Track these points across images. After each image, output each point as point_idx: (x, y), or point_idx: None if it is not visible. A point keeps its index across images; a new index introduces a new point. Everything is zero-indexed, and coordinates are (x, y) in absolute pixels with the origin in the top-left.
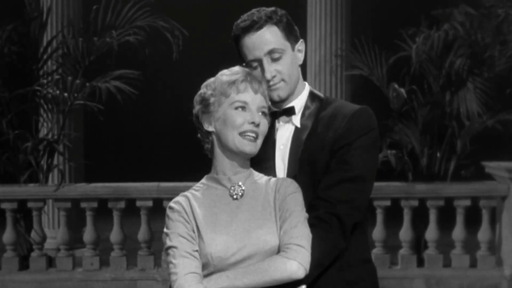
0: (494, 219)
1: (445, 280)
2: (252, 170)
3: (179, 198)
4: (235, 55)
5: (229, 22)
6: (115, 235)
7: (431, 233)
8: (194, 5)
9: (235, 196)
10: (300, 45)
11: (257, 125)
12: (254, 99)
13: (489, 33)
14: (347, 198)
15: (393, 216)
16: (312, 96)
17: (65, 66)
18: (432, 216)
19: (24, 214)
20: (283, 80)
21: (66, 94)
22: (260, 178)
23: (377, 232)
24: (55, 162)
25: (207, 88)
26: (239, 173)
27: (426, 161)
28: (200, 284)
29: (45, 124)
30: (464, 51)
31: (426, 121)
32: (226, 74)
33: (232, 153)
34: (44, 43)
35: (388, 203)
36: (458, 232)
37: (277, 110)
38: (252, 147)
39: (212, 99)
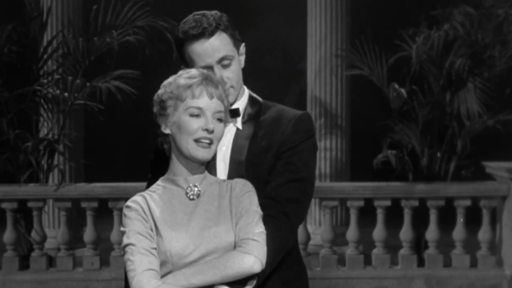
0: (495, 219)
1: (446, 280)
2: (207, 172)
3: (136, 198)
4: None
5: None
6: (115, 235)
7: (432, 233)
8: (194, 5)
9: (191, 197)
10: (242, 48)
11: (211, 132)
12: (209, 104)
13: (489, 33)
14: (296, 197)
15: (394, 216)
16: (252, 99)
17: (65, 66)
18: (433, 216)
19: (24, 214)
20: (232, 86)
21: (66, 94)
22: (215, 179)
23: (378, 232)
24: (55, 162)
25: (165, 89)
26: (194, 174)
27: (427, 161)
28: (158, 281)
29: (45, 124)
30: (464, 51)
31: (427, 121)
32: (183, 77)
33: (185, 156)
34: (44, 43)
35: (388, 203)
36: (459, 232)
37: None
38: (205, 153)
39: (168, 102)
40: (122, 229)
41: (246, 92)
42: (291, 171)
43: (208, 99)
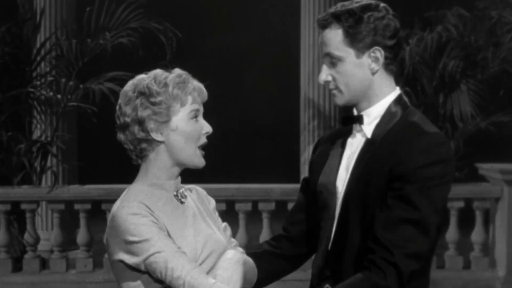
0: (488, 221)
1: (439, 281)
2: None
3: (134, 204)
4: (226, 56)
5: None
6: None
7: None
8: (188, 6)
9: (183, 200)
10: (376, 52)
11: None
12: (201, 107)
13: (482, 35)
14: (406, 243)
15: None
16: (396, 104)
17: (58, 67)
18: None
19: (17, 215)
20: (336, 88)
21: (59, 96)
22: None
23: None
24: (48, 163)
25: (155, 90)
26: (176, 178)
27: None
28: (209, 276)
29: (38, 125)
30: (457, 53)
31: None
32: (176, 82)
33: (179, 164)
34: (38, 44)
35: None
36: (452, 233)
37: (351, 116)
38: (204, 161)
39: (164, 106)
40: (133, 239)
41: (392, 95)
42: (403, 209)
43: (201, 102)
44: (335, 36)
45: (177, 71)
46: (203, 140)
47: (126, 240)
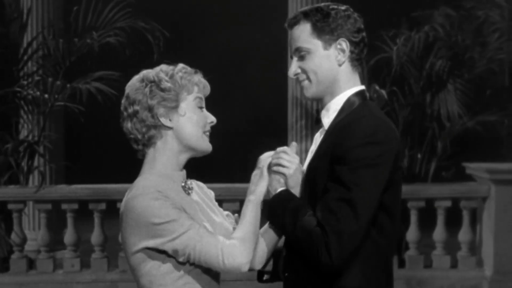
0: (475, 220)
1: (426, 281)
2: None
3: (151, 191)
4: (213, 55)
5: (209, 23)
6: (96, 237)
7: (412, 234)
8: (175, 6)
9: (189, 191)
10: (342, 43)
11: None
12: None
13: (469, 34)
14: (338, 222)
15: None
16: (355, 96)
17: (45, 67)
18: (413, 217)
19: (4, 215)
20: (307, 79)
21: (46, 96)
22: None
23: None
24: (35, 163)
25: (163, 79)
26: (182, 169)
27: (407, 162)
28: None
29: (25, 125)
30: (444, 53)
31: (407, 122)
32: (183, 72)
33: (188, 150)
34: (24, 44)
35: None
36: (439, 233)
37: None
38: (211, 146)
39: (173, 93)
40: (162, 220)
41: (353, 89)
42: (336, 189)
43: (205, 93)
44: (302, 31)
45: (181, 65)
46: (208, 128)
47: (152, 222)
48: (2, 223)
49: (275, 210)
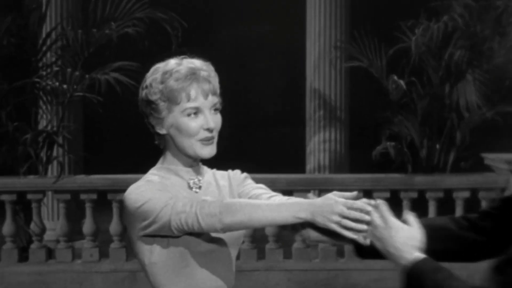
0: None
1: None
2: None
3: (141, 183)
4: (229, 46)
5: (228, 13)
6: (114, 227)
7: None
8: None
9: (194, 189)
10: None
11: (212, 130)
12: (205, 103)
13: (489, 24)
14: None
15: (393, 207)
16: None
17: (64, 58)
18: (431, 207)
19: (23, 205)
20: None
21: (65, 86)
22: (208, 171)
23: None
24: (54, 154)
25: (154, 89)
26: (194, 165)
27: (426, 153)
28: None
29: (44, 116)
30: (463, 43)
31: (426, 113)
32: (174, 78)
33: (186, 154)
34: (43, 35)
35: (387, 195)
36: None
37: None
38: (210, 150)
39: (161, 104)
40: (140, 203)
41: None
42: None
43: (203, 99)
44: None
45: (179, 69)
46: (203, 134)
47: (136, 208)
48: (21, 213)
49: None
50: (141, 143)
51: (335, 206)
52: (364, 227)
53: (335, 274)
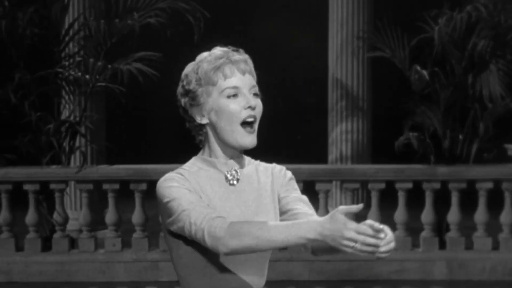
0: None
1: (467, 262)
2: (243, 155)
3: (172, 174)
4: (255, 36)
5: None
6: (137, 217)
7: (453, 215)
8: None
9: (231, 182)
10: None
11: (254, 108)
12: (243, 80)
13: None
14: None
15: (415, 198)
16: None
17: (86, 48)
18: (454, 198)
19: (46, 195)
20: None
21: (87, 76)
22: (251, 163)
23: (399, 215)
24: (77, 144)
25: (189, 78)
26: (234, 157)
27: (448, 143)
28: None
29: (67, 106)
30: (487, 33)
31: (449, 103)
32: (207, 61)
33: (227, 144)
34: (66, 25)
35: (410, 185)
36: (480, 214)
37: None
38: (252, 140)
39: (199, 90)
40: (166, 199)
41: None
42: None
43: (241, 75)
44: None
45: (214, 52)
46: (245, 114)
47: (163, 203)
48: (45, 203)
49: None
50: (163, 134)
51: (346, 232)
52: (375, 249)
53: (357, 265)
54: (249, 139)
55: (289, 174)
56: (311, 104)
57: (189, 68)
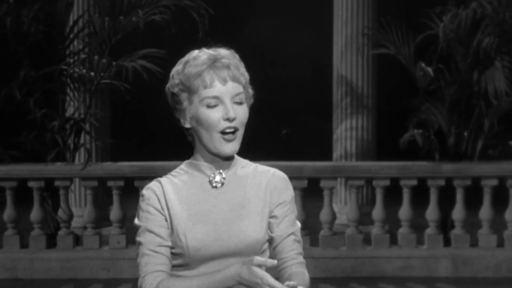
0: None
1: (472, 260)
2: (239, 158)
3: (151, 184)
4: (260, 33)
5: (255, 2)
6: None
7: (458, 212)
8: None
9: (214, 184)
10: None
11: (233, 119)
12: (225, 90)
13: None
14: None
15: (420, 195)
16: None
17: (91, 45)
18: (459, 195)
19: (51, 192)
20: None
21: (92, 73)
22: (246, 166)
23: (404, 212)
24: (81, 141)
25: (174, 80)
26: (221, 160)
27: (453, 140)
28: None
29: (71, 103)
30: (492, 30)
31: (453, 100)
32: (191, 65)
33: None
34: (71, 22)
35: (414, 182)
36: (485, 211)
37: None
38: (231, 147)
39: (182, 95)
40: (136, 222)
41: None
42: None
43: (222, 85)
44: None
45: (200, 55)
46: (223, 125)
47: (136, 215)
48: (49, 200)
49: None
50: (168, 131)
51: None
52: None
53: (361, 262)
54: (229, 147)
55: (289, 195)
56: (315, 101)
57: (177, 67)
